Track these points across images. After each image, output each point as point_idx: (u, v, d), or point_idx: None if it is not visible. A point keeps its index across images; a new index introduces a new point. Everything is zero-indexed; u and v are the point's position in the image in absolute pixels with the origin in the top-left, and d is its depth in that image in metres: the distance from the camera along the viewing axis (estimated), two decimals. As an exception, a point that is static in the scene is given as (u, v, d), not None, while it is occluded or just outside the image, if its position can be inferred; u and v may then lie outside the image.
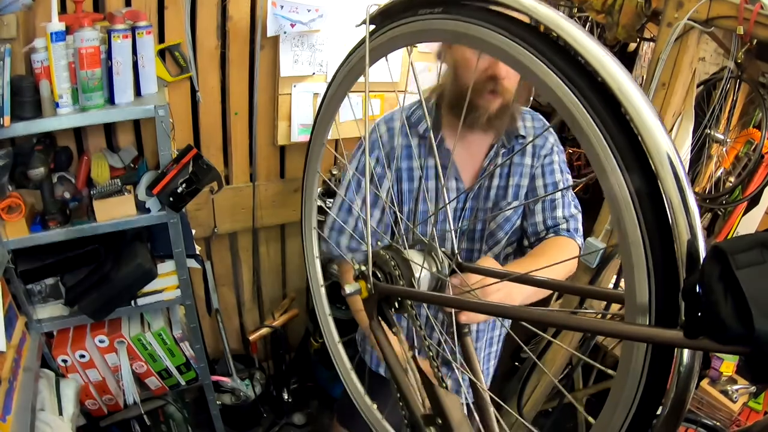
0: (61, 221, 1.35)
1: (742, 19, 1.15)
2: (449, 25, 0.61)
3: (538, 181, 1.18)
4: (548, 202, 1.15)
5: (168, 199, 1.41)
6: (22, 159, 1.30)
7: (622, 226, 0.45)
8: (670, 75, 1.35)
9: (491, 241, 1.20)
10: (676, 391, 0.44)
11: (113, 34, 1.27)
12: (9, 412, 1.14)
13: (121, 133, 1.65)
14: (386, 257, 0.79)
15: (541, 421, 2.22)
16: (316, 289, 1.11)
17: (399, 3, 0.70)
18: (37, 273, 1.42)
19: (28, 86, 1.19)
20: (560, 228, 1.13)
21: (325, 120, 0.94)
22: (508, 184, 1.17)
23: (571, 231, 1.13)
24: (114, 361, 1.64)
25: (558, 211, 1.15)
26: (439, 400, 0.68)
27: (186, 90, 1.71)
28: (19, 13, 1.22)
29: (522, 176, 1.18)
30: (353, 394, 1.00)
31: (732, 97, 1.99)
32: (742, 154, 2.07)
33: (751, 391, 1.88)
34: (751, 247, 0.37)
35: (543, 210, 1.16)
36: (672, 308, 0.43)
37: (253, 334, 2.15)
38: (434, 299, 0.78)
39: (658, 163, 0.42)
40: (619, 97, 0.45)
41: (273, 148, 1.99)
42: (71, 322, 1.51)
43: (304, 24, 1.71)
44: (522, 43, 0.52)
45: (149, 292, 1.57)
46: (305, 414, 2.38)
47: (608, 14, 1.49)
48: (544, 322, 0.57)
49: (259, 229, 2.10)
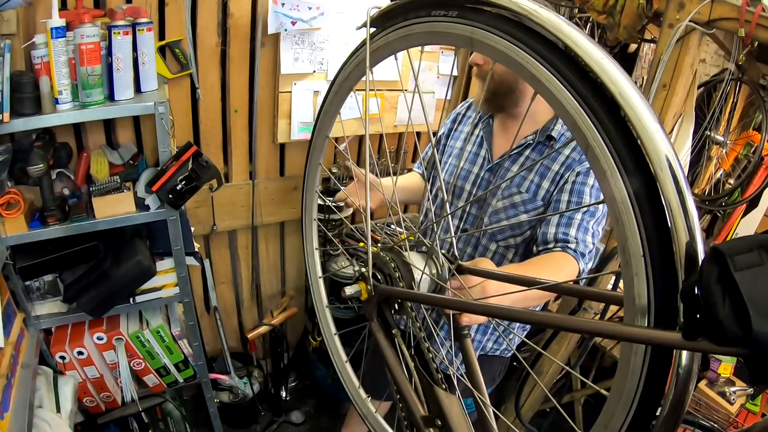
0: (60, 218, 1.34)
1: (744, 21, 1.15)
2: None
3: (564, 195, 1.16)
4: (566, 217, 1.14)
5: (167, 197, 1.41)
6: (22, 155, 1.29)
7: (622, 227, 0.45)
8: (671, 76, 1.35)
9: (494, 218, 1.24)
10: (675, 393, 0.44)
11: (113, 30, 1.26)
12: (7, 409, 1.14)
13: (121, 129, 1.64)
14: (386, 259, 0.79)
15: (539, 421, 2.22)
16: (314, 280, 1.12)
17: (400, 5, 0.70)
18: (36, 270, 1.41)
19: (27, 82, 1.19)
20: (568, 246, 1.11)
21: (330, 112, 0.94)
22: (527, 177, 1.20)
23: (578, 252, 1.11)
24: (112, 359, 1.64)
25: (572, 230, 1.13)
26: (438, 401, 0.68)
27: (186, 87, 1.71)
28: (19, 8, 1.21)
29: (543, 177, 1.19)
30: (348, 386, 1.01)
31: (732, 99, 1.99)
32: (742, 156, 2.08)
33: (749, 393, 1.89)
34: (750, 249, 0.37)
35: (558, 224, 1.14)
36: (671, 310, 0.43)
37: (251, 332, 2.15)
38: (433, 301, 0.78)
39: (657, 166, 0.43)
40: (618, 100, 0.45)
41: (273, 146, 1.98)
42: (69, 319, 1.51)
43: (304, 22, 1.71)
44: (524, 48, 0.53)
45: (148, 290, 1.57)
46: (303, 412, 2.38)
47: (609, 15, 1.49)
48: (544, 323, 0.57)
49: (258, 227, 2.10)
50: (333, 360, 1.05)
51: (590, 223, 1.15)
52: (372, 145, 2.21)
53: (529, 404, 1.97)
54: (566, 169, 1.17)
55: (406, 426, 0.75)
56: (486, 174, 1.27)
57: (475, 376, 0.75)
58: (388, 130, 2.15)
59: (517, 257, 1.25)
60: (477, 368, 0.76)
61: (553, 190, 1.18)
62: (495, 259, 1.26)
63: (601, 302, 1.64)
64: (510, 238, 1.23)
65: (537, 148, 1.22)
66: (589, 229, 1.14)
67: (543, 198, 1.19)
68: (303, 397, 2.47)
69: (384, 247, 0.85)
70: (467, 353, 0.78)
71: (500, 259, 1.26)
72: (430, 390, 0.70)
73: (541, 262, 1.10)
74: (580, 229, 1.13)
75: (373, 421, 0.95)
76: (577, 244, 1.11)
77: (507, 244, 1.24)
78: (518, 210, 1.21)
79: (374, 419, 0.95)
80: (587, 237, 1.13)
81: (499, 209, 1.23)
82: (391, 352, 0.79)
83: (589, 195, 1.15)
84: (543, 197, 1.19)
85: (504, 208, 1.22)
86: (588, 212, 1.15)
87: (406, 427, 0.75)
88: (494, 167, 1.26)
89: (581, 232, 1.13)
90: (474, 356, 0.78)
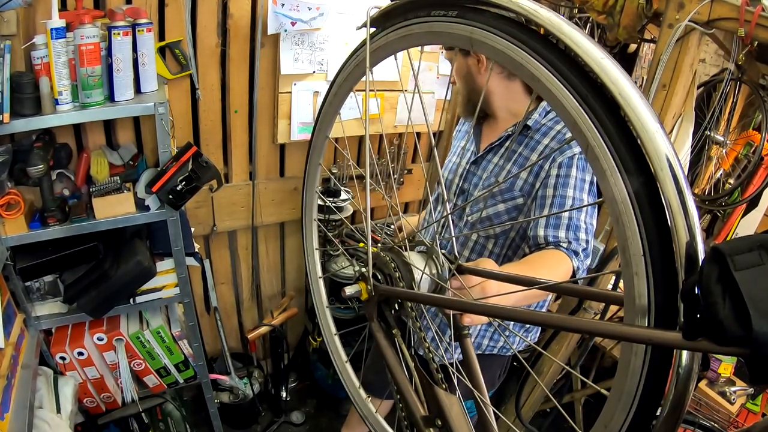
0: (60, 218, 1.34)
1: (743, 21, 1.15)
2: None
3: (548, 191, 1.13)
4: (554, 218, 1.11)
5: (167, 197, 1.41)
6: (22, 156, 1.29)
7: (622, 227, 0.45)
8: (671, 76, 1.35)
9: (475, 208, 1.28)
10: (675, 393, 0.44)
11: (113, 31, 1.26)
12: (7, 410, 1.14)
13: (121, 130, 1.65)
14: (386, 259, 0.79)
15: (539, 421, 2.22)
16: (314, 280, 1.12)
17: (400, 5, 0.70)
18: (36, 270, 1.41)
19: (27, 83, 1.19)
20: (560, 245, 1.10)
21: (330, 113, 0.94)
22: (505, 167, 1.23)
23: (571, 250, 1.08)
24: (112, 359, 1.64)
25: (561, 232, 1.10)
26: (438, 401, 0.68)
27: (186, 88, 1.71)
28: (19, 9, 1.21)
29: (520, 166, 1.20)
30: (348, 386, 1.01)
31: (732, 99, 1.99)
32: (742, 156, 2.08)
33: (749, 393, 1.89)
34: (750, 248, 0.37)
35: (547, 225, 1.11)
36: (671, 310, 0.43)
37: (251, 333, 2.15)
38: (433, 301, 0.78)
39: (657, 166, 0.43)
40: (618, 100, 0.45)
41: (273, 147, 1.98)
42: (70, 319, 1.51)
43: (304, 22, 1.71)
44: (524, 48, 0.53)
45: (148, 290, 1.57)
46: (303, 412, 2.38)
47: (609, 15, 1.49)
48: (545, 323, 0.57)
49: (258, 228, 2.10)
50: (333, 360, 1.05)
51: (581, 218, 1.12)
52: (372, 145, 2.21)
53: (529, 404, 1.97)
54: (545, 159, 1.14)
55: (406, 426, 0.75)
56: (471, 166, 1.31)
57: (475, 375, 0.75)
58: (388, 131, 2.15)
59: (497, 247, 1.25)
60: (477, 368, 0.76)
61: (533, 182, 1.16)
62: (476, 249, 1.28)
63: (601, 302, 1.64)
64: (489, 229, 1.24)
65: (517, 139, 1.22)
66: (580, 226, 1.11)
67: (522, 189, 1.18)
68: (303, 398, 2.47)
69: (384, 247, 0.85)
70: (467, 353, 0.78)
71: (481, 249, 1.28)
72: (430, 390, 0.70)
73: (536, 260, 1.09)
74: (570, 228, 1.11)
75: (373, 421, 0.95)
76: (569, 243, 1.10)
77: (487, 234, 1.25)
78: (496, 200, 1.22)
79: (374, 419, 0.95)
80: (580, 234, 1.11)
81: (479, 200, 1.25)
82: (391, 352, 0.79)
83: (573, 187, 1.11)
84: (521, 188, 1.18)
85: (484, 198, 1.23)
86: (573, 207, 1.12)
87: (406, 427, 0.75)
88: (478, 159, 1.30)
89: (572, 231, 1.11)
90: (474, 356, 0.78)
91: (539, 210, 1.15)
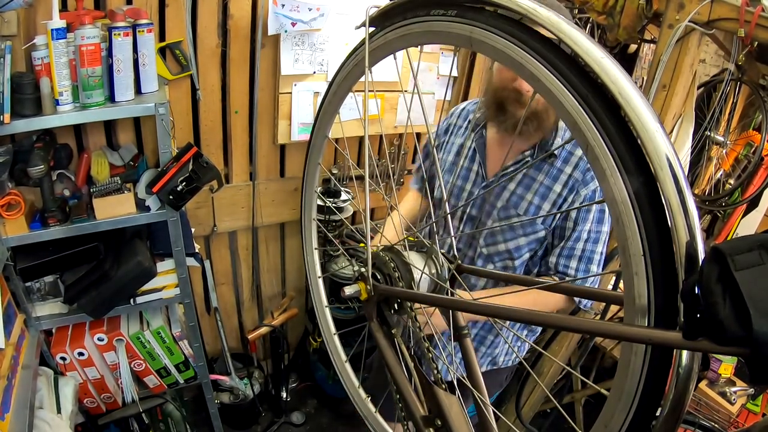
0: (60, 219, 1.35)
1: (743, 21, 1.15)
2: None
3: (568, 223, 1.11)
4: (567, 248, 1.11)
5: (168, 198, 1.41)
6: (22, 156, 1.29)
7: (622, 227, 0.45)
8: (671, 77, 1.35)
9: (490, 239, 1.19)
10: (675, 393, 0.44)
11: (114, 31, 1.26)
12: (7, 410, 1.14)
13: (122, 130, 1.65)
14: (386, 259, 0.79)
15: (539, 421, 2.22)
16: (313, 280, 1.12)
17: (399, 4, 0.70)
18: (37, 270, 1.41)
19: (28, 83, 1.19)
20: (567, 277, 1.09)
21: (329, 112, 0.94)
22: (525, 197, 1.14)
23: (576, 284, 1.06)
24: (113, 359, 1.64)
25: (573, 262, 1.10)
26: (438, 401, 0.68)
27: (186, 88, 1.71)
28: (20, 10, 1.21)
29: (543, 198, 1.12)
30: (348, 386, 1.01)
31: (732, 100, 1.99)
32: (742, 157, 2.08)
33: (750, 393, 1.89)
34: (750, 248, 0.37)
35: (560, 254, 1.11)
36: (671, 309, 0.43)
37: (252, 333, 2.15)
38: (433, 301, 0.78)
39: (658, 166, 0.42)
40: (619, 100, 0.45)
41: (273, 147, 1.99)
42: (70, 320, 1.51)
43: (305, 23, 1.71)
44: (524, 47, 0.53)
45: (148, 291, 1.57)
46: (304, 413, 2.38)
47: (609, 15, 1.49)
48: (545, 323, 0.57)
49: (258, 228, 2.10)
50: (333, 360, 1.05)
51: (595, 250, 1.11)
52: (372, 146, 2.21)
53: (529, 405, 1.97)
54: (570, 191, 1.10)
55: (406, 426, 0.75)
56: (481, 192, 1.20)
57: (474, 376, 0.75)
58: (388, 131, 2.15)
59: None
60: (477, 368, 0.76)
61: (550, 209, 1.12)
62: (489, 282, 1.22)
63: (601, 302, 1.64)
64: (508, 260, 1.19)
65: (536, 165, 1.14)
66: (593, 258, 1.11)
67: (544, 222, 1.13)
68: (303, 398, 2.47)
69: (383, 247, 0.85)
70: (467, 353, 0.78)
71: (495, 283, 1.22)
72: (430, 390, 0.70)
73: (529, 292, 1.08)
74: (582, 259, 1.10)
75: (373, 421, 0.95)
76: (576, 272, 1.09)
77: (505, 266, 1.20)
78: (516, 233, 1.15)
79: (374, 419, 0.95)
80: (591, 266, 1.10)
81: (496, 232, 1.17)
82: (390, 352, 0.78)
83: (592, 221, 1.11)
84: (544, 221, 1.13)
85: (501, 230, 1.16)
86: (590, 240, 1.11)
87: (406, 428, 0.75)
88: (490, 183, 1.18)
89: (584, 263, 1.10)
90: (474, 356, 0.78)
91: (557, 240, 1.13)
